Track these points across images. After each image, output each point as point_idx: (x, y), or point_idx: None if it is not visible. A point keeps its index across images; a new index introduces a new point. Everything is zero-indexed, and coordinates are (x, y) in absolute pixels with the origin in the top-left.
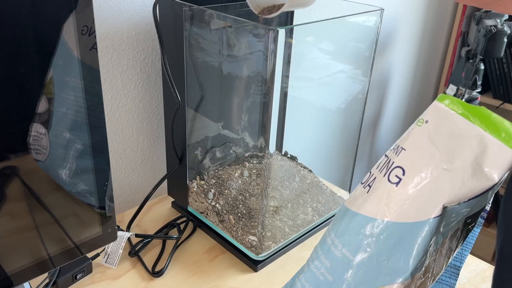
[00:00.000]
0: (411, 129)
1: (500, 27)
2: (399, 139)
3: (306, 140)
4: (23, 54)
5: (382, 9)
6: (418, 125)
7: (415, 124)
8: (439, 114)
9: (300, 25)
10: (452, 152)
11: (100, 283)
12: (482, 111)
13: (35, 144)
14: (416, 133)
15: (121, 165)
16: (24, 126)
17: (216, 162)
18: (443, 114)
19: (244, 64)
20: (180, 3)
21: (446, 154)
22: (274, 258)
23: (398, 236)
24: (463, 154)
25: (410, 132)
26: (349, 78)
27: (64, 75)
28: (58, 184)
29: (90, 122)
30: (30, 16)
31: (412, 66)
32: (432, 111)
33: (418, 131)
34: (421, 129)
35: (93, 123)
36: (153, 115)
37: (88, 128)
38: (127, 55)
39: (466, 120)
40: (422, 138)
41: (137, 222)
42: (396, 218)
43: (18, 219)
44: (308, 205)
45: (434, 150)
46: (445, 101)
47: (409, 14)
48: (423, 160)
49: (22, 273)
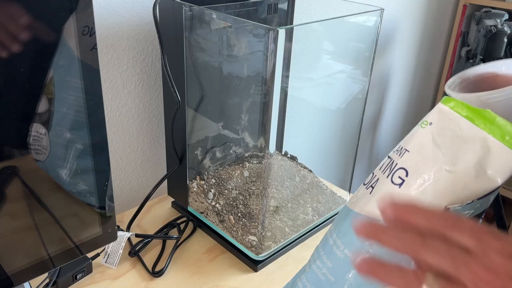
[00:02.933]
0: (415, 131)
1: (500, 27)
2: (403, 140)
3: (306, 140)
4: (23, 54)
5: (382, 9)
6: (422, 127)
7: (419, 126)
8: (443, 116)
9: (300, 25)
10: (455, 154)
11: (100, 283)
12: (486, 114)
13: (35, 144)
14: (420, 135)
15: (121, 165)
16: (24, 126)
17: (216, 162)
18: (447, 116)
19: (244, 64)
20: (180, 3)
21: (449, 156)
22: (274, 258)
23: None
24: (466, 157)
25: (414, 133)
26: (349, 78)
27: (64, 75)
28: (58, 184)
29: (90, 122)
30: (30, 16)
31: (412, 66)
32: (436, 113)
33: (422, 132)
34: (425, 131)
35: (93, 123)
36: (153, 115)
37: (88, 128)
38: (127, 55)
39: (470, 123)
40: (425, 140)
41: (137, 222)
42: None
43: (18, 219)
44: (308, 205)
45: (437, 152)
46: (450, 104)
47: (409, 14)
48: (427, 162)
49: (22, 273)
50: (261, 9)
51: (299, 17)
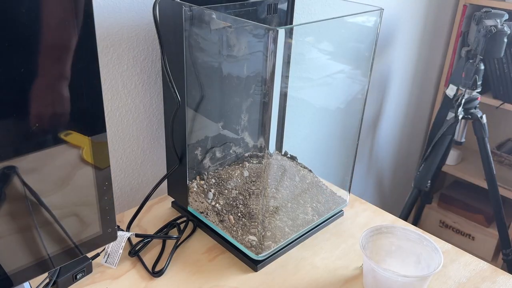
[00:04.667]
0: None
1: (500, 27)
2: None
3: (306, 140)
4: (23, 54)
5: (382, 9)
6: None
7: None
8: None
9: (300, 25)
10: None
11: (100, 283)
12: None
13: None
14: None
15: (121, 165)
16: (24, 126)
17: (216, 162)
18: None
19: (244, 64)
20: (180, 3)
21: None
22: (274, 258)
23: None
24: None
25: None
26: (349, 78)
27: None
28: (58, 184)
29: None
30: (30, 16)
31: (412, 66)
32: None
33: None
34: None
35: (94, 123)
36: (153, 115)
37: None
38: (127, 55)
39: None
40: None
41: (137, 222)
42: None
43: (18, 219)
44: (308, 204)
45: None
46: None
47: (409, 14)
48: None
49: (22, 273)
50: (260, 9)
51: (299, 17)
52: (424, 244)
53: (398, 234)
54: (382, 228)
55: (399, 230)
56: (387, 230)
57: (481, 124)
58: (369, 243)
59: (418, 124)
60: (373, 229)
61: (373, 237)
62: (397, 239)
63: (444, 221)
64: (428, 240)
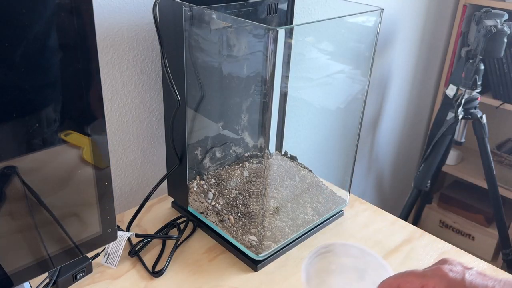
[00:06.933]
0: None
1: (500, 27)
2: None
3: (306, 140)
4: (23, 54)
5: (382, 9)
6: None
7: None
8: None
9: (300, 25)
10: None
11: (100, 283)
12: None
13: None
14: None
15: (121, 165)
16: (24, 126)
17: (216, 162)
18: None
19: (244, 64)
20: (180, 3)
21: None
22: (274, 258)
23: None
24: None
25: None
26: (349, 78)
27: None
28: (58, 184)
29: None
30: (30, 16)
31: (412, 66)
32: None
33: None
34: None
35: (94, 123)
36: (153, 115)
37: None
38: (127, 55)
39: None
40: None
41: (137, 222)
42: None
43: (18, 219)
44: (308, 204)
45: None
46: None
47: (409, 14)
48: None
49: (22, 273)
50: (260, 9)
51: (299, 17)
52: (367, 259)
53: (336, 251)
54: (320, 249)
55: (337, 247)
56: (326, 249)
57: (481, 124)
58: (311, 269)
59: (418, 124)
60: (312, 254)
61: (314, 261)
62: (337, 257)
63: (444, 221)
64: (372, 255)
